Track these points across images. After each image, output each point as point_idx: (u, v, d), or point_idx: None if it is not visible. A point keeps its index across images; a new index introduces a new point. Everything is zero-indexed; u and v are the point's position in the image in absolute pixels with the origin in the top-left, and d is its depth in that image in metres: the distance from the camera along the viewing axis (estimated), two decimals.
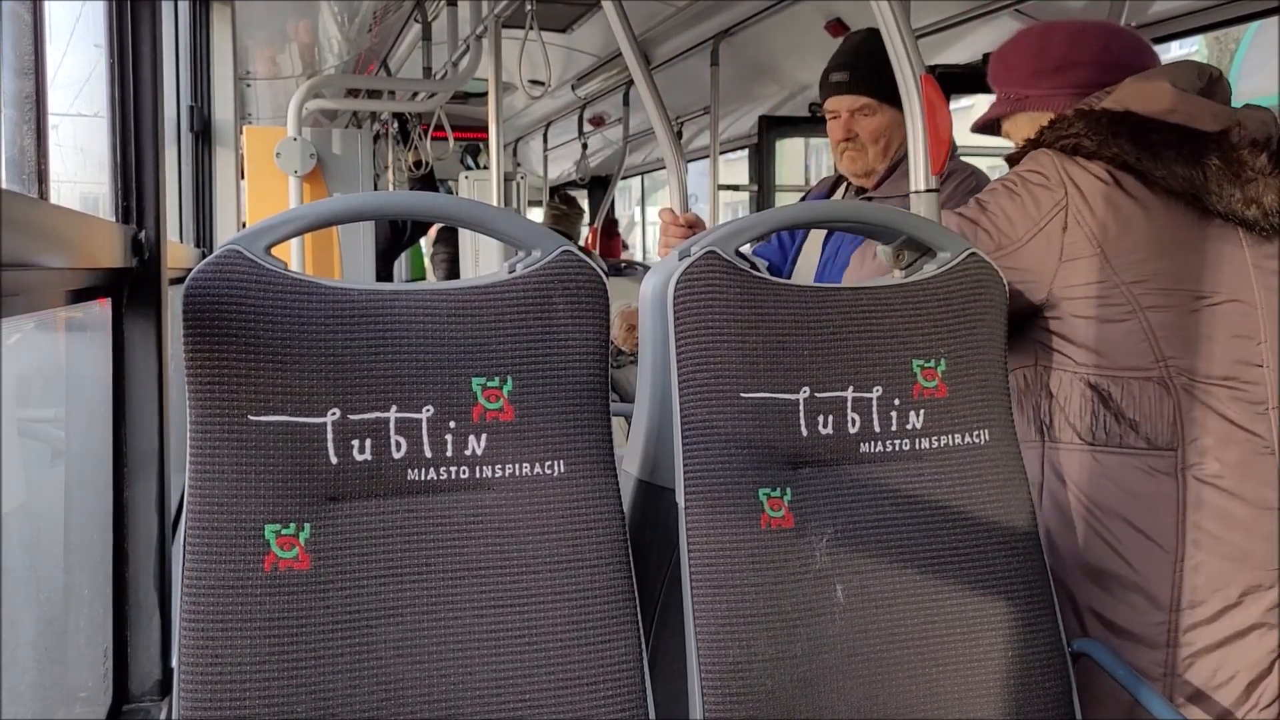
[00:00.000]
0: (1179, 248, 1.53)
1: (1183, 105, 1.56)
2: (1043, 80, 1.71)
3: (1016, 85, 1.74)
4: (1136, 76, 1.62)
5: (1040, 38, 1.73)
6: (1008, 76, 1.76)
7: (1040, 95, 1.71)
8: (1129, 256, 1.52)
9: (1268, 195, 1.52)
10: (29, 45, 1.04)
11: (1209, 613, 1.49)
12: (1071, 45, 1.70)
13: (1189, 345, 1.52)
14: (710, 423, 1.30)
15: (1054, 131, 1.59)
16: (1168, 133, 1.53)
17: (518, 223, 1.34)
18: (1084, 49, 1.70)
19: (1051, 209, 1.54)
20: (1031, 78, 1.72)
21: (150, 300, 1.24)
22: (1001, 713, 1.33)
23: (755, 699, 1.25)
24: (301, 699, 1.13)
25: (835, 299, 1.37)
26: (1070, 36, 1.71)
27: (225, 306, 1.15)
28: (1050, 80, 1.70)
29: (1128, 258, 1.52)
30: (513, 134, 6.89)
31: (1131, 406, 1.52)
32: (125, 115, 1.24)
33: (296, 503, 1.17)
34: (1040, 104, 1.71)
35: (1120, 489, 1.53)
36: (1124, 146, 1.52)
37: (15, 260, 0.84)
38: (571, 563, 1.23)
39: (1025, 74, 1.73)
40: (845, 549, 1.32)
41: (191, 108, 3.36)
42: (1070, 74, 1.69)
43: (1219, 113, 1.57)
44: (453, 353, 1.23)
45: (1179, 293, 1.52)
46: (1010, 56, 1.76)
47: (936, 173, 1.52)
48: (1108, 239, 1.52)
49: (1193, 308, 1.53)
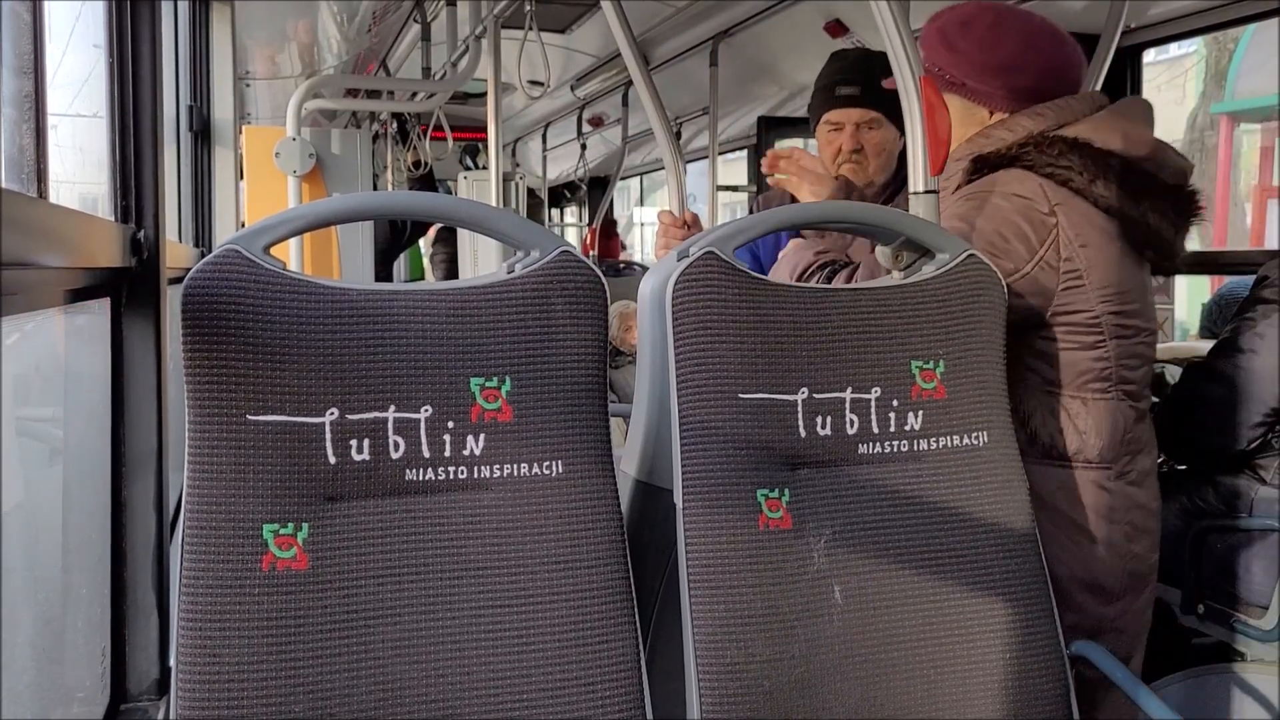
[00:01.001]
0: (1134, 285, 1.61)
1: (1155, 153, 1.62)
2: (987, 77, 1.68)
3: (956, 68, 1.70)
4: (1117, 114, 1.64)
5: (992, 29, 1.69)
6: (947, 58, 1.71)
7: (980, 90, 1.69)
8: (1103, 289, 1.57)
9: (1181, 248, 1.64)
10: (28, 45, 1.04)
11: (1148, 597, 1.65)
12: (1023, 48, 1.68)
13: (1134, 370, 1.62)
14: (708, 423, 1.30)
15: (1043, 156, 1.58)
16: (1143, 179, 1.58)
17: (516, 223, 1.34)
18: (1034, 55, 1.68)
19: (1047, 237, 1.56)
20: (976, 70, 1.69)
21: (149, 300, 1.24)
22: (1000, 714, 1.33)
23: (753, 699, 1.25)
24: (299, 698, 1.13)
25: (834, 300, 1.37)
26: (1023, 39, 1.69)
27: (224, 306, 1.15)
28: (995, 79, 1.68)
29: (1102, 290, 1.57)
30: (512, 134, 6.90)
31: (1092, 426, 1.59)
32: (124, 115, 1.24)
33: (295, 502, 1.17)
34: (979, 98, 1.70)
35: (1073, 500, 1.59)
36: (1111, 190, 1.55)
37: (14, 259, 0.84)
38: (569, 563, 1.23)
39: (972, 65, 1.69)
40: (843, 550, 1.32)
41: (191, 107, 3.36)
42: (1015, 77, 1.67)
43: (1178, 167, 1.64)
44: (451, 353, 1.23)
45: (1133, 324, 1.61)
46: (957, 39, 1.71)
47: (936, 173, 1.52)
48: (1091, 269, 1.56)
49: (1141, 339, 1.63)
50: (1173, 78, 10.65)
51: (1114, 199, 1.55)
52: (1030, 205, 1.56)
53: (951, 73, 1.70)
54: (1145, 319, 1.63)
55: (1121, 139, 1.59)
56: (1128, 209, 1.56)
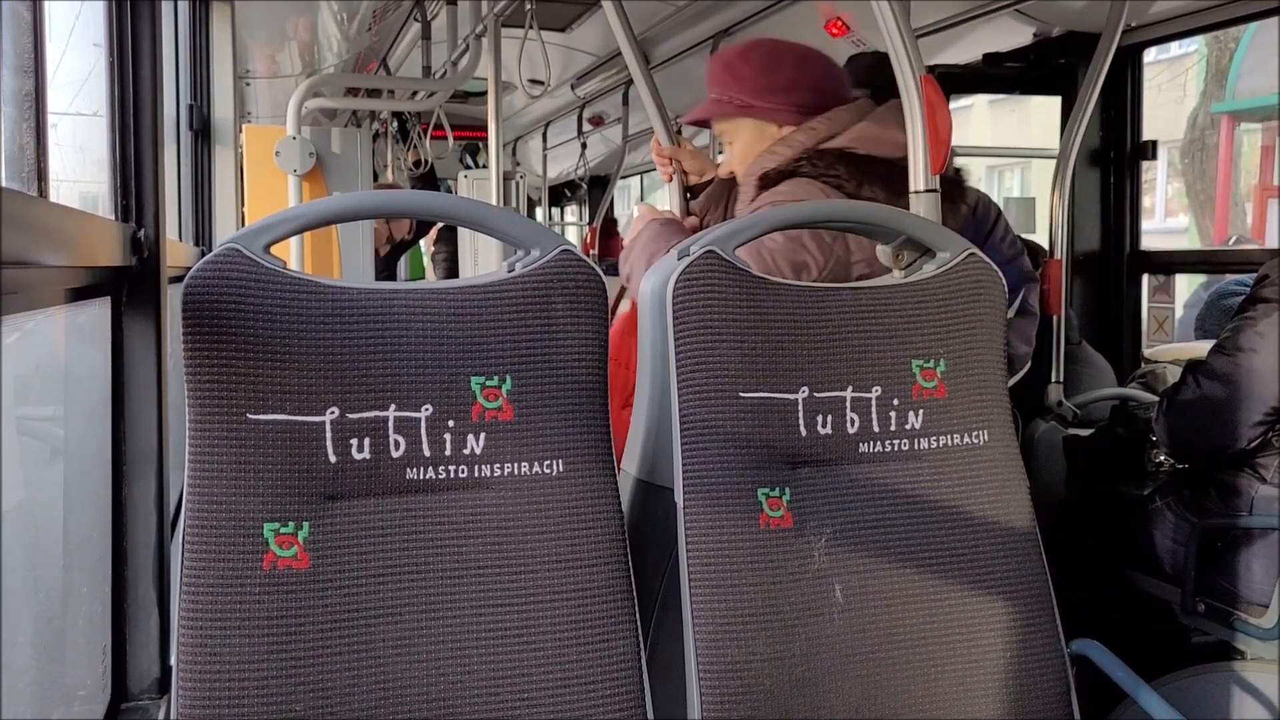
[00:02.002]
0: None
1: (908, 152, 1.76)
2: (771, 95, 1.89)
3: (744, 93, 1.90)
4: (871, 120, 1.83)
5: (769, 55, 1.92)
6: (734, 84, 1.92)
7: (767, 108, 1.89)
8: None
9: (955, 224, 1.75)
10: (28, 44, 1.04)
11: None
12: (798, 69, 1.90)
13: None
14: (709, 422, 1.30)
15: (815, 168, 1.77)
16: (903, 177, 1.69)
17: (517, 222, 1.34)
18: (808, 75, 1.90)
19: (837, 235, 1.71)
20: (761, 91, 1.89)
21: (149, 299, 1.24)
22: (1000, 713, 1.33)
23: (753, 698, 1.25)
24: (300, 697, 1.13)
25: (835, 299, 1.37)
26: (797, 62, 1.92)
27: (224, 305, 1.15)
28: (778, 97, 1.88)
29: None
30: (512, 133, 6.89)
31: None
32: (125, 114, 1.24)
33: (295, 501, 1.16)
34: (765, 115, 1.89)
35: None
36: (876, 191, 1.74)
37: (14, 258, 0.84)
38: (570, 562, 1.23)
39: (755, 86, 1.89)
40: (844, 549, 1.32)
41: (191, 106, 3.36)
42: (795, 95, 1.88)
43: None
44: (451, 352, 1.23)
45: None
46: (738, 67, 1.92)
47: (936, 172, 1.52)
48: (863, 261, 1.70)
49: None
50: (1173, 77, 10.65)
51: (881, 198, 1.71)
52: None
53: (740, 98, 1.91)
54: None
55: (878, 144, 1.78)
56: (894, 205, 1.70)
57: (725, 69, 1.94)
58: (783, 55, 1.92)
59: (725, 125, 1.97)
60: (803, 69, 1.90)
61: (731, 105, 1.92)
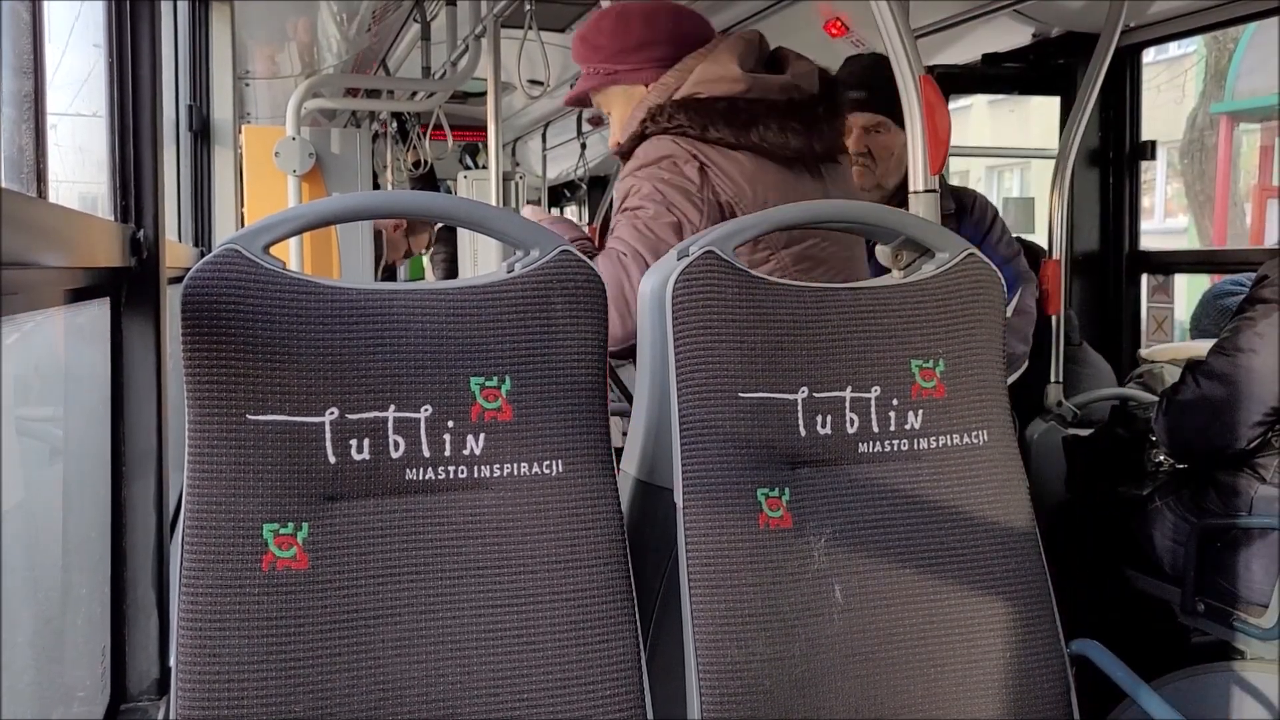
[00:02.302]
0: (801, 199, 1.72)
1: (756, 84, 1.78)
2: (628, 56, 1.88)
3: (604, 62, 1.90)
4: (709, 60, 1.80)
5: (619, 19, 1.90)
6: (594, 55, 1.91)
7: (628, 70, 1.88)
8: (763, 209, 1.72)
9: (834, 137, 1.81)
10: (28, 45, 1.04)
11: None
12: (647, 25, 1.88)
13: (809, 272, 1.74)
14: (709, 423, 1.29)
15: (657, 124, 1.77)
16: (753, 108, 1.74)
17: (516, 222, 1.34)
18: (658, 28, 1.88)
19: (700, 178, 1.72)
20: (618, 55, 1.88)
21: (149, 299, 1.24)
22: (1000, 713, 1.33)
23: (753, 699, 1.25)
24: (299, 698, 1.13)
25: (834, 299, 1.37)
26: (645, 18, 1.90)
27: (223, 306, 1.15)
28: (635, 56, 1.87)
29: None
30: (511, 134, 6.89)
31: None
32: (124, 115, 1.24)
33: (294, 502, 1.16)
34: (630, 78, 1.88)
35: None
36: (722, 129, 1.73)
37: (14, 259, 0.84)
38: (570, 562, 1.23)
39: (611, 52, 1.89)
40: (843, 549, 1.32)
41: (190, 107, 3.36)
42: (651, 50, 1.86)
43: (783, 83, 1.79)
44: (451, 352, 1.23)
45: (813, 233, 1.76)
46: (593, 37, 1.92)
47: (935, 173, 1.52)
48: (746, 201, 1.71)
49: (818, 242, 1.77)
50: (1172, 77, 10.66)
51: (729, 136, 1.72)
52: (674, 162, 1.73)
53: (602, 66, 1.90)
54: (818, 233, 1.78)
55: (717, 84, 1.76)
56: (743, 140, 1.73)
57: (583, 41, 1.94)
58: (631, 14, 1.91)
59: (600, 98, 1.97)
60: (651, 24, 1.89)
61: (597, 76, 1.92)
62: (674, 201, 1.71)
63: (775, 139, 1.74)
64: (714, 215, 1.71)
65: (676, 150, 1.73)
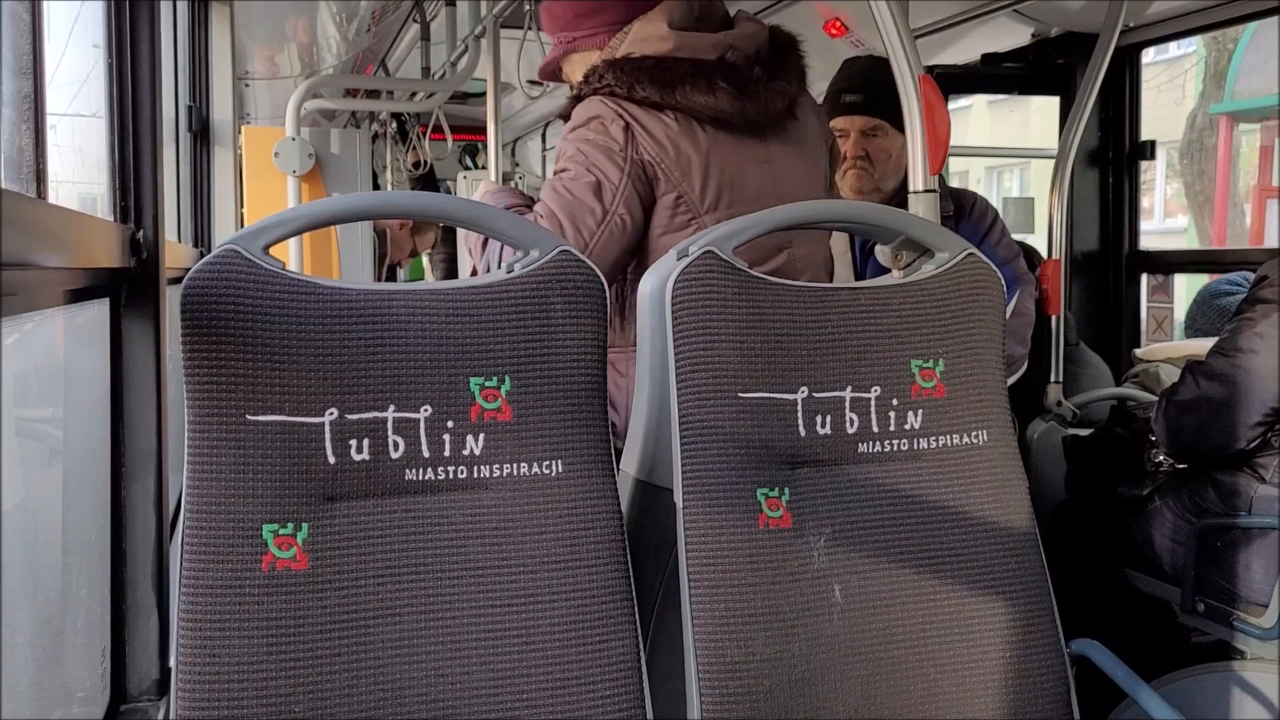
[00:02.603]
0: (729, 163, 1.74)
1: (685, 41, 1.76)
2: (583, 23, 1.87)
3: (564, 30, 1.90)
4: (643, 20, 1.80)
5: None
6: (555, 25, 1.92)
7: (584, 36, 1.87)
8: (699, 180, 1.72)
9: (772, 100, 1.76)
10: (27, 45, 1.04)
11: None
12: None
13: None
14: (708, 423, 1.29)
15: (589, 84, 1.76)
16: (679, 68, 1.72)
17: (516, 223, 1.34)
18: None
19: (625, 139, 1.71)
20: (574, 22, 1.89)
21: (148, 300, 1.24)
22: (999, 713, 1.33)
23: (753, 699, 1.25)
24: (299, 698, 1.13)
25: (834, 299, 1.37)
26: None
27: (223, 306, 1.15)
28: (589, 22, 1.86)
29: (698, 181, 1.72)
30: (511, 134, 6.89)
31: None
32: (124, 115, 1.24)
33: (294, 502, 1.16)
34: (585, 44, 1.88)
35: None
36: (649, 89, 1.71)
37: (14, 259, 0.84)
38: (569, 563, 1.23)
39: (568, 20, 1.89)
40: (843, 549, 1.32)
41: (190, 108, 3.36)
42: (603, 15, 1.85)
43: (715, 41, 1.76)
44: (451, 353, 1.23)
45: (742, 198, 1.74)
46: (552, 7, 1.94)
47: (934, 172, 1.52)
48: (669, 161, 1.71)
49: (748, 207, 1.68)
50: (1172, 78, 10.66)
51: (654, 95, 1.71)
52: (601, 122, 1.72)
53: (563, 36, 1.90)
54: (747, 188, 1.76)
55: (645, 44, 1.76)
56: (668, 99, 1.71)
57: (546, 14, 1.95)
58: None
59: (565, 67, 1.96)
60: None
61: (560, 46, 1.92)
62: (595, 162, 1.71)
63: (701, 99, 1.71)
64: (637, 175, 1.71)
65: (604, 110, 1.72)
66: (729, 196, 1.74)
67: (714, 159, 1.73)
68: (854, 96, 2.32)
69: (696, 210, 1.73)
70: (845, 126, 2.32)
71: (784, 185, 1.80)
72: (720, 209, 1.74)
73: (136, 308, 1.24)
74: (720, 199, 1.74)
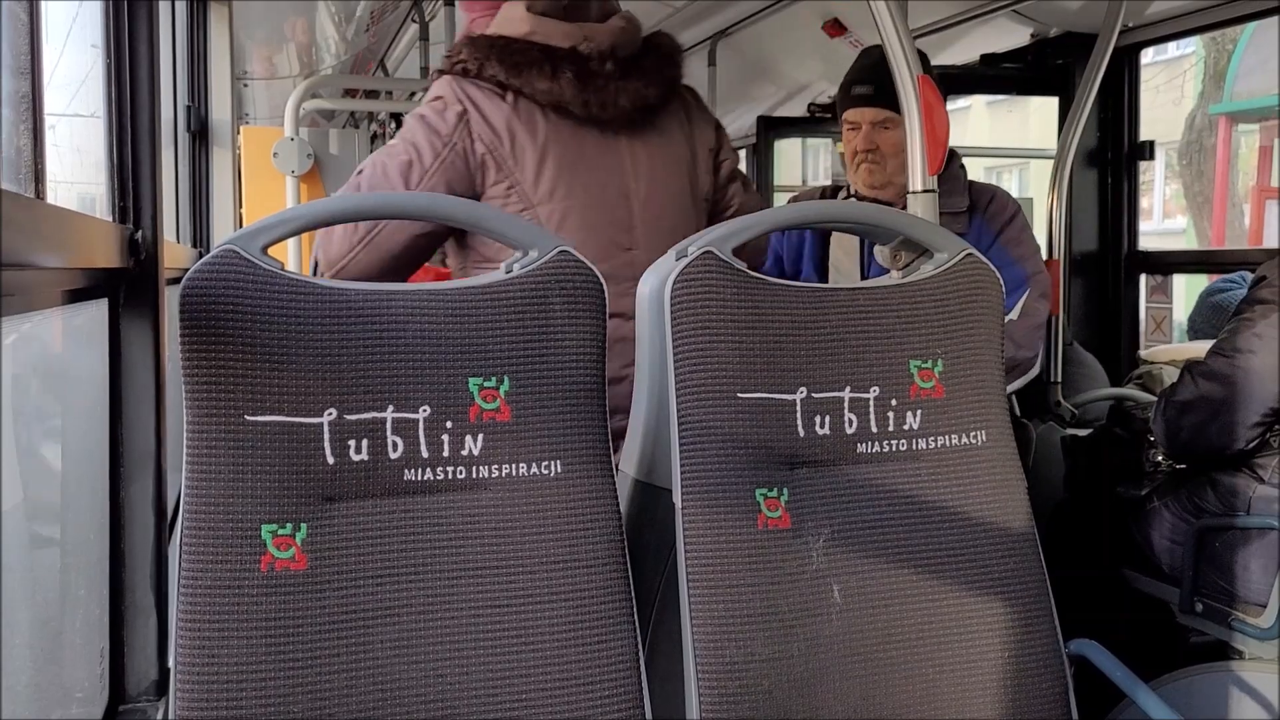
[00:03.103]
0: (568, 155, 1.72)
1: (539, 27, 1.74)
2: (476, 4, 1.89)
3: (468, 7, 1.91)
4: (511, 3, 1.78)
5: None
6: (464, 4, 1.94)
7: (479, 17, 1.87)
8: (532, 169, 1.70)
9: (620, 97, 1.74)
10: (25, 45, 1.04)
11: None
12: None
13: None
14: (707, 423, 1.29)
15: (448, 60, 1.76)
16: (529, 52, 1.71)
17: (515, 223, 1.34)
18: None
19: (456, 124, 1.69)
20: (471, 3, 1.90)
21: (147, 300, 1.24)
22: (998, 713, 1.33)
23: (752, 699, 1.25)
24: (298, 699, 1.13)
25: (833, 299, 1.37)
26: None
27: (222, 306, 1.15)
28: (481, 3, 1.87)
29: (531, 170, 1.70)
30: None
31: None
32: (122, 115, 1.24)
33: (293, 503, 1.16)
34: (480, 25, 1.86)
35: None
36: (496, 68, 1.70)
37: (12, 260, 0.84)
38: (568, 563, 1.23)
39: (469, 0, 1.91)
40: (842, 549, 1.32)
41: (189, 108, 3.36)
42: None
43: (569, 31, 1.74)
44: (449, 353, 1.23)
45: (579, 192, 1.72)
46: None
47: (934, 173, 1.52)
48: (504, 149, 1.69)
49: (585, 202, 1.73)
50: (1171, 78, 10.67)
51: (500, 75, 1.70)
52: (442, 103, 1.71)
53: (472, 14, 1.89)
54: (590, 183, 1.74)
55: (507, 25, 1.76)
56: (511, 83, 1.70)
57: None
58: None
59: None
60: None
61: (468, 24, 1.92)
62: (415, 140, 1.69)
63: (544, 85, 1.69)
64: (457, 164, 1.69)
65: (446, 92, 1.72)
66: (565, 188, 1.72)
67: (551, 148, 1.71)
68: (864, 88, 2.28)
69: (529, 200, 1.71)
70: (856, 119, 2.28)
71: (641, 185, 1.78)
72: (555, 200, 1.71)
73: (135, 308, 1.24)
74: (555, 190, 1.71)
